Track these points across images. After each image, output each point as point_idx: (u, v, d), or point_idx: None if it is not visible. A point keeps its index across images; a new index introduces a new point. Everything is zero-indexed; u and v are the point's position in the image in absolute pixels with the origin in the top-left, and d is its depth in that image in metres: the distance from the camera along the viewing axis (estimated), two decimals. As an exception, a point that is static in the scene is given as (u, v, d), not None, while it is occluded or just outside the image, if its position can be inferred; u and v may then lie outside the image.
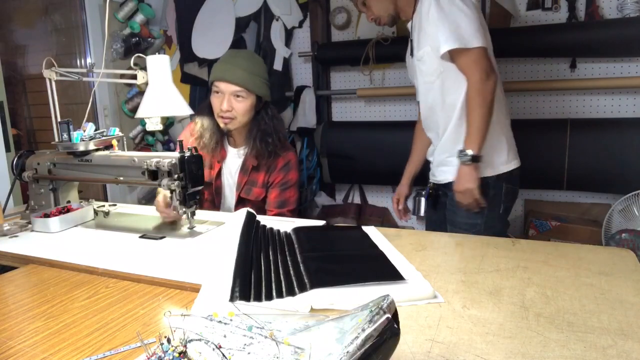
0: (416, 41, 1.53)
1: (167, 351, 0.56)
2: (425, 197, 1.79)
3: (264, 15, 2.77)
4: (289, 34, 2.79)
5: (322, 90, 2.73)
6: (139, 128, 2.99)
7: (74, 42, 2.88)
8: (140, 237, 1.29)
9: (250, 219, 1.13)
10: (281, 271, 0.95)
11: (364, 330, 0.52)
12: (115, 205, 1.65)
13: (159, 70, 1.35)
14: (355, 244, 1.14)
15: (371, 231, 1.22)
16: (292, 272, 0.94)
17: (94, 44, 2.78)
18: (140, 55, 1.42)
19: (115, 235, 1.32)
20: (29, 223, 1.40)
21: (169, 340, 0.58)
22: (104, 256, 1.13)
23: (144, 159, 1.29)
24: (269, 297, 0.85)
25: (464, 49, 1.37)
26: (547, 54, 2.23)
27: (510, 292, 0.87)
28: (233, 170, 1.67)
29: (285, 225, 1.24)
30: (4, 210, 1.58)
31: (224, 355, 0.54)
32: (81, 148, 1.38)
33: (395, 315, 0.55)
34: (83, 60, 2.87)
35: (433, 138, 1.64)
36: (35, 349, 0.74)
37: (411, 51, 1.61)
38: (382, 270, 0.95)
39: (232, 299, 0.81)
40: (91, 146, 1.39)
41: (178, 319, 0.59)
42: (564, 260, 1.01)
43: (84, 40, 2.81)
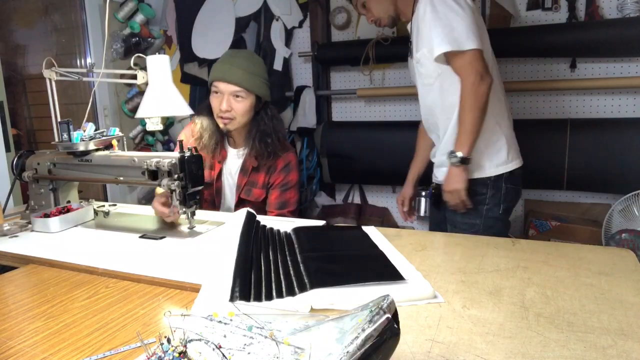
0: (415, 43, 1.53)
1: (167, 351, 0.56)
2: (429, 197, 1.80)
3: (264, 15, 2.77)
4: (289, 34, 2.79)
5: (322, 90, 2.73)
6: (139, 128, 2.99)
7: (74, 42, 2.88)
8: (140, 237, 1.29)
9: (250, 219, 1.13)
10: (281, 271, 0.95)
11: (364, 330, 0.52)
12: (115, 205, 1.65)
13: (159, 70, 1.35)
14: (355, 244, 1.14)
15: (371, 231, 1.22)
16: (292, 272, 0.94)
17: (94, 44, 2.78)
18: (140, 55, 1.42)
19: (115, 235, 1.32)
20: (29, 223, 1.40)
21: (169, 340, 0.58)
22: (104, 256, 1.13)
23: (144, 159, 1.29)
24: (269, 297, 0.85)
25: (457, 51, 1.37)
26: (547, 54, 2.23)
27: (510, 292, 0.87)
28: (233, 171, 1.67)
29: (285, 225, 1.24)
30: (4, 210, 1.58)
31: (224, 355, 0.54)
32: (81, 148, 1.38)
33: (395, 315, 0.55)
34: (83, 60, 2.87)
35: (434, 139, 1.65)
36: (35, 349, 0.74)
37: (410, 53, 1.60)
38: (382, 270, 0.95)
39: (232, 299, 0.81)
40: (91, 146, 1.39)
41: (178, 319, 0.59)
42: (564, 260, 1.01)
43: (84, 40, 2.81)
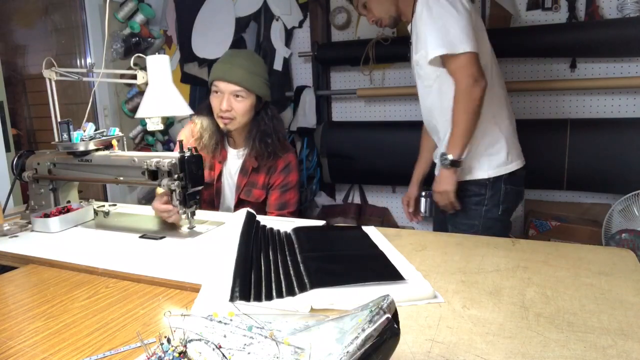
0: (414, 44, 1.53)
1: (167, 351, 0.56)
2: (429, 198, 1.80)
3: (264, 15, 2.77)
4: (289, 34, 2.79)
5: (322, 90, 2.73)
6: (139, 128, 2.99)
7: (74, 42, 2.88)
8: (140, 237, 1.29)
9: (250, 219, 1.13)
10: (281, 271, 0.95)
11: (364, 330, 0.52)
12: (115, 205, 1.65)
13: (159, 70, 1.35)
14: (355, 244, 1.14)
15: (371, 231, 1.22)
16: (292, 272, 0.94)
17: (94, 44, 2.78)
18: (140, 55, 1.42)
19: (115, 235, 1.32)
20: (29, 223, 1.40)
21: (169, 340, 0.58)
22: (104, 256, 1.13)
23: (144, 159, 1.29)
24: (269, 297, 0.85)
25: (451, 54, 1.36)
26: (547, 54, 2.23)
27: (510, 292, 0.87)
28: (233, 171, 1.67)
29: (285, 225, 1.24)
30: (4, 210, 1.58)
31: (224, 355, 0.54)
32: (81, 148, 1.38)
33: (395, 315, 0.55)
34: (83, 60, 2.87)
35: (436, 140, 1.65)
36: (35, 349, 0.74)
37: (411, 54, 1.60)
38: (382, 270, 0.95)
39: (232, 299, 0.81)
40: (91, 146, 1.39)
41: (178, 319, 0.59)
42: (564, 260, 1.01)
43: (84, 40, 2.81)
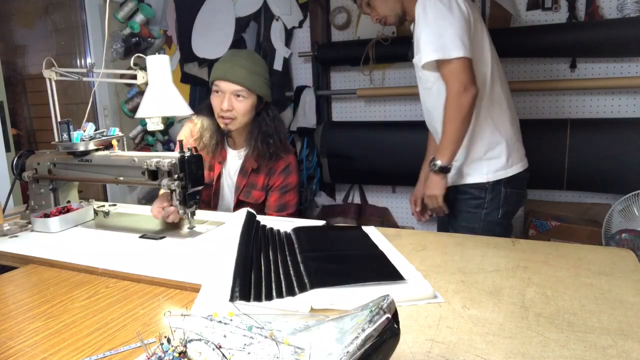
0: (416, 45, 1.52)
1: (167, 351, 0.56)
2: None
3: (264, 15, 2.77)
4: (289, 34, 2.79)
5: (322, 90, 2.73)
6: (139, 128, 2.99)
7: (74, 42, 2.88)
8: (140, 237, 1.29)
9: (250, 219, 1.13)
10: (281, 271, 0.95)
11: (364, 330, 0.52)
12: (115, 205, 1.65)
13: (159, 70, 1.35)
14: (355, 244, 1.14)
15: (371, 231, 1.22)
16: (292, 272, 0.94)
17: (94, 44, 2.78)
18: (140, 55, 1.42)
19: (115, 235, 1.32)
20: (29, 223, 1.40)
21: (169, 340, 0.58)
22: (104, 256, 1.13)
23: (144, 159, 1.29)
24: (269, 297, 0.85)
25: (444, 60, 1.36)
26: (547, 54, 2.23)
27: (510, 292, 0.87)
28: (232, 172, 1.67)
29: (285, 225, 1.24)
30: (4, 210, 1.58)
31: (224, 355, 0.54)
32: (81, 148, 1.38)
33: (395, 315, 0.55)
34: (83, 60, 2.87)
35: (437, 141, 1.64)
36: (35, 349, 0.74)
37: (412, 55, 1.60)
38: (382, 270, 0.95)
39: (232, 299, 0.81)
40: (91, 146, 1.39)
41: (178, 319, 0.59)
42: (564, 260, 1.01)
43: (84, 40, 2.81)
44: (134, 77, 1.41)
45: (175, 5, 2.98)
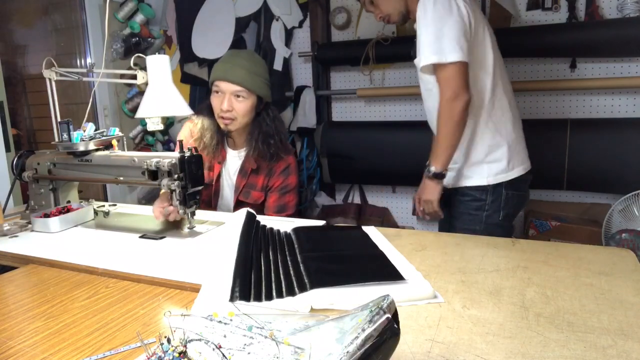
0: (418, 46, 1.51)
1: (167, 351, 0.56)
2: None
3: (264, 15, 2.77)
4: (289, 34, 2.79)
5: (322, 90, 2.73)
6: (139, 128, 2.99)
7: (74, 42, 2.88)
8: (140, 237, 1.29)
9: (250, 219, 1.13)
10: (281, 271, 0.95)
11: (364, 330, 0.52)
12: (115, 205, 1.65)
13: (159, 70, 1.35)
14: (355, 244, 1.14)
15: (371, 231, 1.22)
16: (292, 272, 0.94)
17: (94, 44, 2.78)
18: (140, 55, 1.42)
19: (115, 235, 1.32)
20: (29, 223, 1.40)
21: (169, 340, 0.58)
22: (104, 256, 1.13)
23: (144, 159, 1.29)
24: (269, 297, 0.85)
25: (439, 64, 1.35)
26: (547, 54, 2.23)
27: (510, 292, 0.87)
28: (232, 172, 1.67)
29: (285, 225, 1.24)
30: (4, 210, 1.58)
31: (224, 355, 0.54)
32: (81, 148, 1.38)
33: (395, 315, 0.55)
34: (83, 60, 2.87)
35: None
36: (35, 349, 0.74)
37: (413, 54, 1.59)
38: (382, 270, 0.95)
39: (232, 299, 0.81)
40: (91, 146, 1.39)
41: (178, 319, 0.59)
42: (564, 260, 1.01)
43: (84, 40, 2.81)
44: (134, 77, 1.41)
45: (175, 5, 2.98)
